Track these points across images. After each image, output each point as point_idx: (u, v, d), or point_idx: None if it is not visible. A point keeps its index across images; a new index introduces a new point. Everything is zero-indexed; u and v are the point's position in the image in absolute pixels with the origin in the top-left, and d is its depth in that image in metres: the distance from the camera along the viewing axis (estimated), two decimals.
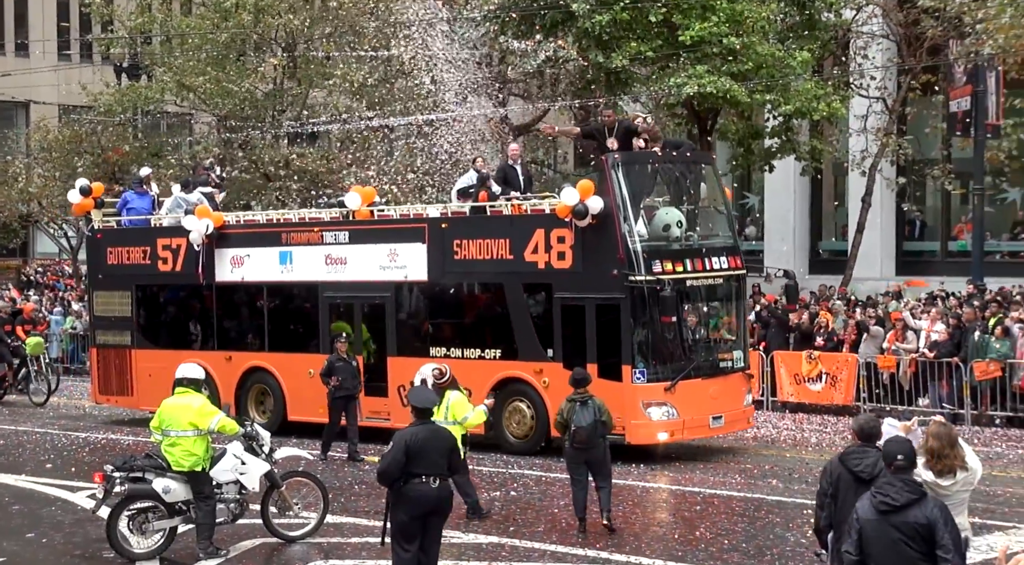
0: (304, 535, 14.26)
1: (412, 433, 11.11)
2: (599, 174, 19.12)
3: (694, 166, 20.60)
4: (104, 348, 24.29)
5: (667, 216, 19.17)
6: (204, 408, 13.56)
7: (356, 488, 17.43)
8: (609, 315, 18.59)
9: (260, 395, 22.44)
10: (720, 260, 19.50)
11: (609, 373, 18.44)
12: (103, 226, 24.25)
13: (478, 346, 19.95)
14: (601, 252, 18.61)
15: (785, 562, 13.16)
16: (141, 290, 23.76)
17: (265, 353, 22.30)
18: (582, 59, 28.17)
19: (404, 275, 20.62)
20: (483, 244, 19.79)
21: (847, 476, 9.55)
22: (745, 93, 26.27)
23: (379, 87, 33.44)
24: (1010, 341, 21.83)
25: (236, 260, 22.41)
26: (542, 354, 19.30)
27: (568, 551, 13.76)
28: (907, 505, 8.22)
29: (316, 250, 21.51)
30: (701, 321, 19.78)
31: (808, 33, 28.59)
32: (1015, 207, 33.63)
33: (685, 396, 18.70)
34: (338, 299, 21.45)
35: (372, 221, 21.28)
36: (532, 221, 19.48)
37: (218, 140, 36.17)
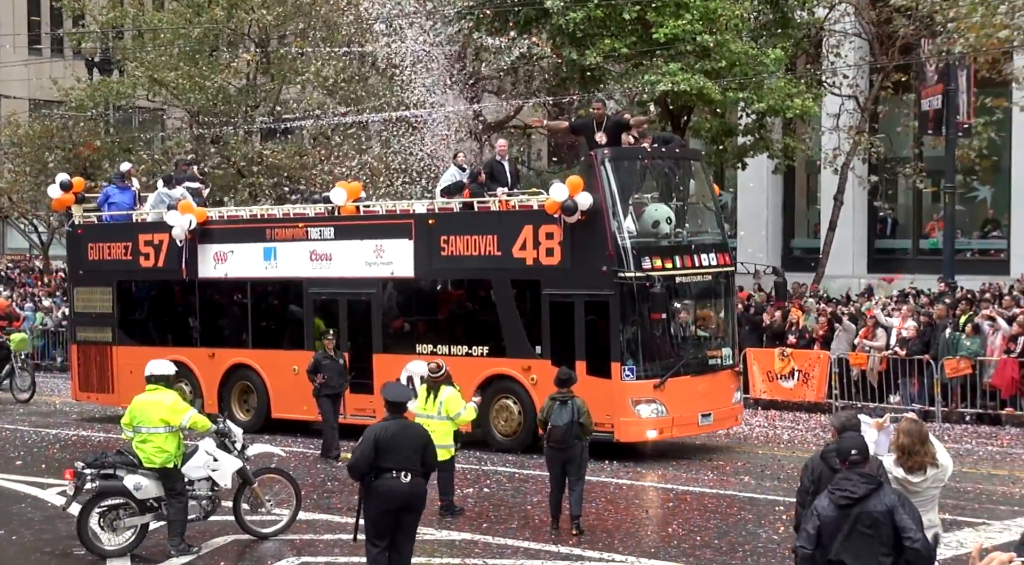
0: (276, 532, 14.22)
1: (382, 428, 11.11)
2: (588, 170, 18.91)
3: (683, 162, 20.50)
4: (85, 345, 24.05)
5: (656, 212, 19.06)
6: (176, 405, 13.50)
7: (329, 485, 17.39)
8: (598, 312, 18.51)
9: (243, 392, 22.26)
10: (709, 257, 19.41)
11: (598, 370, 18.37)
12: (84, 221, 24.02)
13: (465, 343, 19.81)
14: (590, 248, 18.51)
15: (757, 559, 13.19)
16: (122, 286, 23.54)
17: (249, 350, 22.13)
18: (556, 56, 28.18)
19: (390, 271, 20.46)
20: (470, 240, 19.66)
21: (828, 473, 9.57)
22: (718, 91, 26.34)
23: (352, 83, 33.37)
24: (980, 338, 21.95)
25: (219, 256, 22.22)
26: (530, 351, 19.17)
27: (541, 548, 13.76)
28: (866, 496, 8.31)
29: (301, 246, 21.32)
30: (690, 318, 19.67)
31: (781, 31, 28.69)
32: (985, 205, 33.83)
33: (674, 393, 18.61)
34: (323, 295, 21.26)
35: (358, 217, 21.15)
36: (520, 217, 19.34)
37: (190, 136, 36.04)
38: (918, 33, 28.47)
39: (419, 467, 11.04)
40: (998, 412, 21.76)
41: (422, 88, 29.51)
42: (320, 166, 32.46)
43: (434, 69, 29.72)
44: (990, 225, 33.43)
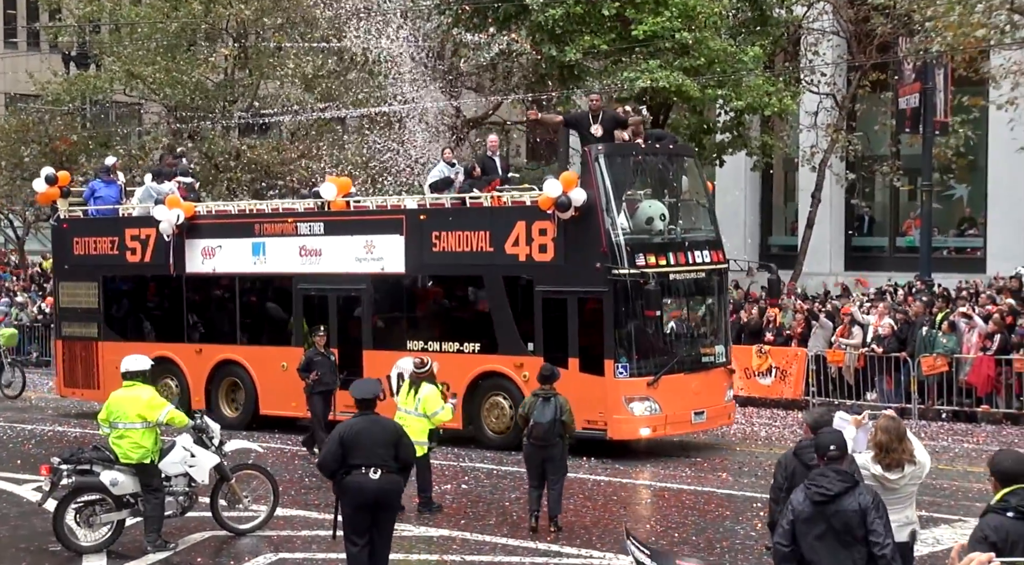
0: (254, 528, 14.19)
1: (348, 425, 11.10)
2: (582, 166, 18.86)
3: (676, 159, 20.41)
4: (70, 340, 23.81)
5: (650, 209, 18.92)
6: (153, 400, 13.45)
7: (307, 481, 17.35)
8: (591, 309, 18.40)
9: (231, 388, 22.08)
10: (703, 254, 19.32)
11: (591, 367, 18.29)
12: (69, 215, 23.76)
13: (457, 340, 19.69)
14: (584, 245, 18.37)
15: (735, 555, 13.23)
16: (108, 281, 23.33)
17: (237, 346, 21.94)
18: (535, 52, 28.17)
19: (381, 267, 20.31)
20: (462, 236, 19.53)
21: (801, 470, 9.60)
22: (697, 88, 26.38)
23: (331, 79, 33.29)
24: (956, 336, 22.05)
25: (207, 251, 22.03)
26: (522, 348, 19.01)
27: (519, 544, 13.76)
28: (841, 494, 8.30)
29: (290, 241, 21.16)
30: (684, 315, 19.60)
31: (760, 29, 28.75)
32: (962, 204, 33.97)
33: (668, 391, 18.52)
34: (312, 291, 21.09)
35: (348, 212, 21.01)
36: (513, 213, 19.23)
37: (168, 130, 35.87)
38: (896, 31, 28.55)
39: (391, 463, 10.96)
40: (974, 409, 21.87)
41: (401, 84, 29.44)
42: (298, 162, 32.35)
43: (413, 65, 29.67)
44: (966, 223, 33.57)
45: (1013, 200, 30.94)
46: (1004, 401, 21.57)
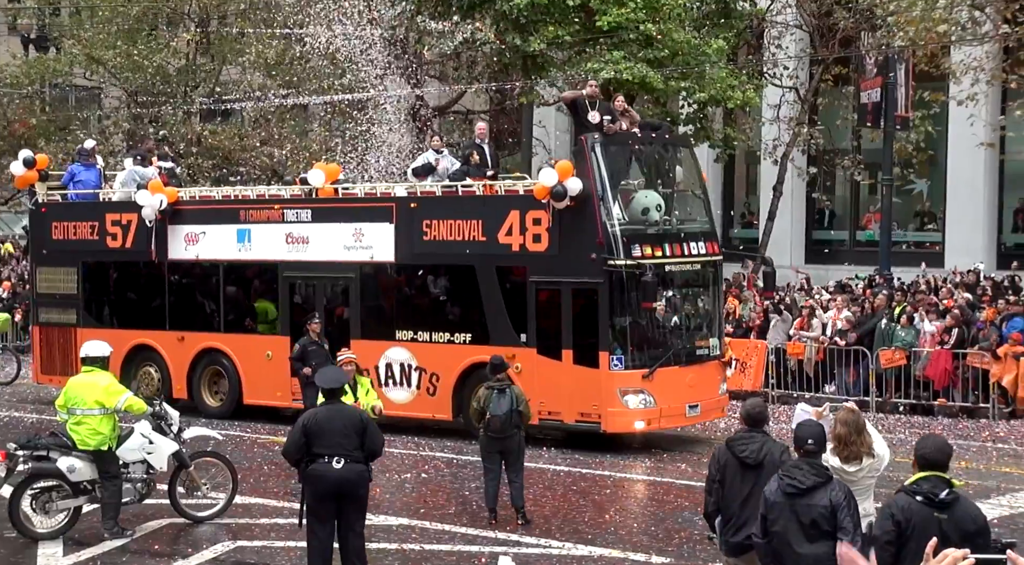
0: (212, 516, 14.13)
1: (312, 413, 11.13)
2: (577, 155, 18.56)
3: (672, 148, 20.19)
4: (47, 326, 23.28)
5: (646, 199, 18.65)
6: (111, 386, 13.37)
7: (266, 469, 17.29)
8: (586, 300, 18.16)
9: (214, 377, 21.76)
10: (698, 245, 19.11)
11: (585, 359, 18.08)
12: (48, 200, 23.25)
13: (447, 330, 19.42)
14: (579, 235, 18.12)
15: (693, 546, 13.28)
16: (88, 267, 22.87)
17: (220, 334, 21.59)
18: (499, 42, 28.12)
19: (370, 255, 19.98)
20: (454, 225, 19.21)
21: (733, 461, 9.65)
22: (660, 80, 26.40)
23: (293, 65, 33.14)
24: (914, 330, 22.21)
25: (191, 237, 21.64)
26: (515, 339, 18.73)
27: (479, 533, 13.77)
28: (813, 488, 8.33)
29: (276, 228, 20.76)
30: (679, 307, 19.33)
31: (723, 21, 28.81)
32: (921, 198, 34.22)
33: (662, 384, 18.28)
34: (299, 279, 20.81)
35: (337, 199, 20.64)
36: (506, 202, 18.96)
37: (128, 115, 35.62)
38: (858, 26, 28.71)
39: (355, 452, 10.92)
40: (931, 403, 22.04)
41: (363, 71, 29.34)
42: (260, 148, 32.20)
43: (376, 53, 29.56)
44: (926, 218, 33.82)
45: (972, 195, 31.20)
46: (960, 395, 21.75)
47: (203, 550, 13.05)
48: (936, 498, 7.57)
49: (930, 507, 7.55)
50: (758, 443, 9.64)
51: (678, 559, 12.80)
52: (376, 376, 19.28)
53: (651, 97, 28.40)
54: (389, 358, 19.57)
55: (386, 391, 19.36)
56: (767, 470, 9.37)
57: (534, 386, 17.96)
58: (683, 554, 12.98)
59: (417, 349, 19.57)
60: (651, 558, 12.82)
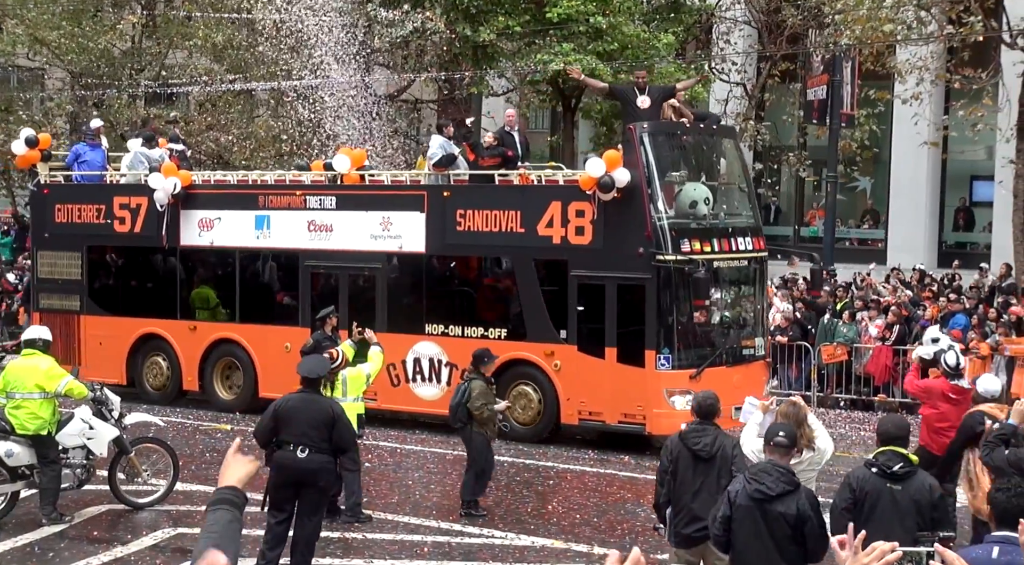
0: (153, 502, 14.03)
1: (285, 399, 11.26)
2: (625, 145, 17.75)
3: (719, 140, 19.48)
4: (48, 313, 22.01)
5: (695, 192, 17.91)
6: (51, 370, 13.23)
7: (207, 456, 17.18)
8: (632, 296, 17.46)
9: (227, 369, 20.86)
10: (745, 240, 18.45)
11: (630, 358, 17.40)
12: (50, 181, 22.32)
13: (481, 325, 18.68)
14: (625, 228, 17.38)
15: (635, 537, 13.33)
16: (93, 251, 21.92)
17: (235, 324, 20.63)
18: (449, 32, 28.08)
19: (398, 246, 19.15)
20: (490, 215, 18.38)
21: (686, 454, 9.70)
22: (610, 73, 26.47)
23: (241, 50, 32.90)
24: (856, 326, 22.42)
25: (205, 223, 20.68)
26: (554, 335, 18.05)
27: (421, 523, 13.76)
28: (781, 495, 8.23)
29: (298, 215, 19.87)
30: (726, 305, 18.69)
31: (673, 16, 28.95)
32: (865, 196, 34.54)
33: (709, 385, 16.70)
34: (321, 269, 19.88)
35: (364, 186, 19.83)
36: (547, 193, 18.19)
37: (72, 97, 35.20)
38: (806, 23, 28.94)
39: (320, 443, 10.95)
40: (871, 398, 22.27)
41: (312, 59, 29.18)
42: (206, 133, 31.93)
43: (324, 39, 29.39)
44: (868, 215, 34.15)
45: (915, 193, 31.53)
46: (900, 391, 21.96)
47: (143, 537, 12.96)
48: (889, 470, 8.04)
49: (884, 478, 8.05)
50: (711, 436, 9.70)
51: (621, 550, 12.80)
52: (403, 371, 18.93)
53: None
54: (417, 353, 18.95)
55: (413, 387, 18.98)
56: (719, 463, 9.44)
57: (574, 385, 17.65)
58: (625, 545, 13.02)
59: (448, 344, 18.81)
60: (593, 549, 12.86)
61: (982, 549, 6.31)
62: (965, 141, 30.36)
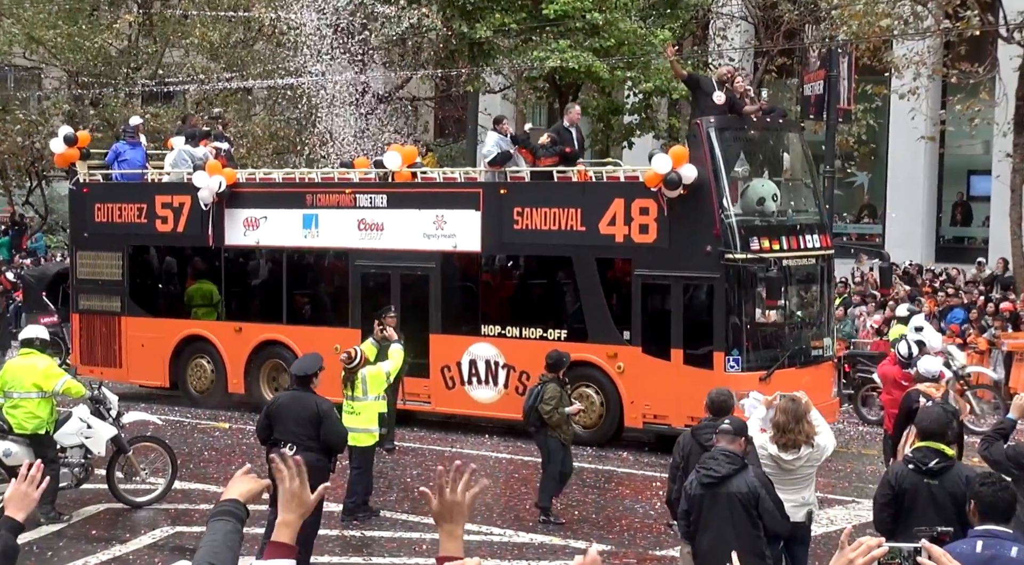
0: (151, 501, 14.02)
1: (276, 398, 11.41)
2: (691, 140, 17.34)
3: (784, 134, 19.03)
4: (88, 314, 21.68)
5: (763, 188, 17.42)
6: (49, 370, 13.22)
7: (206, 454, 17.17)
8: (700, 296, 17.08)
9: (273, 371, 20.23)
10: (812, 238, 17.90)
11: (698, 360, 16.89)
12: (89, 179, 21.76)
13: (539, 325, 18.14)
14: (693, 226, 16.87)
15: (634, 533, 13.34)
16: (135, 251, 21.39)
17: (283, 325, 20.06)
18: (446, 28, 28.07)
19: (453, 245, 18.61)
20: (549, 213, 17.88)
21: (697, 449, 9.73)
22: (606, 69, 26.48)
23: (238, 49, 32.91)
24: (852, 322, 22.42)
25: (250, 222, 20.19)
26: (616, 336, 17.52)
27: (419, 520, 13.75)
28: (729, 476, 8.43)
29: (347, 214, 19.36)
30: (796, 305, 18.12)
31: (670, 12, 28.94)
32: (862, 191, 34.55)
33: (779, 387, 16.21)
34: (372, 269, 19.31)
35: (417, 184, 19.33)
36: (609, 189, 17.70)
37: (68, 97, 35.22)
38: (802, 19, 28.95)
39: (308, 441, 10.97)
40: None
41: (310, 57, 29.17)
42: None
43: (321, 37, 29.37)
44: (866, 211, 34.16)
45: (912, 188, 31.55)
46: None
47: (141, 535, 12.95)
48: (925, 466, 8.15)
49: (920, 474, 8.15)
50: None
51: (619, 546, 12.85)
52: (458, 373, 18.58)
53: (596, 87, 28.50)
54: (473, 354, 18.52)
55: (469, 389, 18.59)
56: None
57: (638, 387, 17.34)
58: (624, 541, 13.04)
59: (505, 345, 18.34)
60: (592, 545, 12.81)
61: (966, 544, 6.32)
62: (962, 136, 30.39)
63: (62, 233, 41.59)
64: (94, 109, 33.75)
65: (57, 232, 41.43)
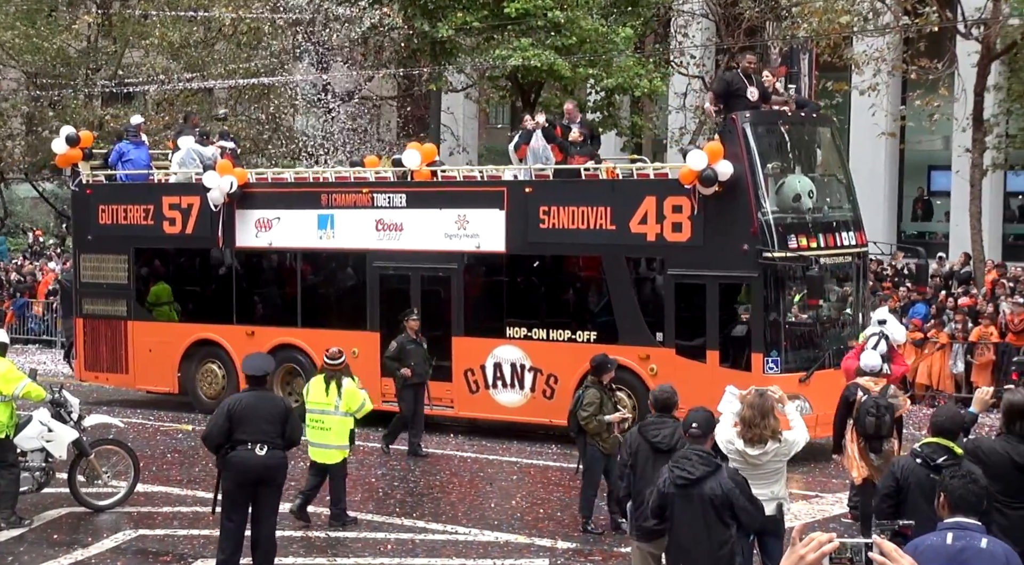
0: (113, 504, 13.92)
1: (237, 399, 11.11)
2: (726, 135, 16.67)
3: (818, 129, 18.50)
4: (92, 318, 21.21)
5: (798, 185, 16.94)
6: (9, 373, 13.10)
7: (168, 457, 17.08)
8: (737, 296, 16.65)
9: (288, 376, 19.75)
10: (848, 235, 17.47)
11: (734, 361, 16.47)
12: (92, 180, 21.26)
13: (567, 327, 17.70)
14: (729, 224, 16.41)
15: (600, 531, 13.33)
16: (141, 254, 20.89)
17: (297, 329, 19.58)
18: (407, 27, 28.03)
19: (476, 245, 18.16)
20: (577, 212, 17.42)
21: (645, 446, 9.72)
22: (568, 67, 26.52)
23: (198, 49, 32.74)
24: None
25: (262, 223, 19.70)
26: (649, 338, 17.04)
27: (385, 520, 13.73)
28: (703, 478, 8.42)
29: (364, 214, 18.89)
30: (834, 304, 17.74)
31: (631, 9, 29.02)
32: None
33: (819, 388, 16.22)
34: (391, 270, 18.85)
35: (437, 183, 18.82)
36: (640, 187, 17.26)
37: (27, 98, 34.93)
38: (763, 16, 29.05)
39: (277, 439, 10.90)
40: None
41: (271, 57, 29.08)
42: (163, 133, 31.74)
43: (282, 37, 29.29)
44: None
45: (873, 184, 31.67)
46: None
47: (104, 539, 12.86)
48: (933, 462, 8.24)
49: (927, 470, 8.23)
50: (670, 428, 9.73)
51: (584, 544, 12.86)
52: (482, 376, 18.19)
53: (559, 84, 28.52)
54: (498, 357, 18.09)
55: (494, 393, 18.21)
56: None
57: None
58: (589, 539, 13.04)
59: (531, 348, 17.93)
60: (557, 543, 12.86)
61: (936, 536, 6.35)
62: (922, 131, 30.57)
63: (21, 235, 41.32)
64: (53, 110, 33.49)
65: (17, 235, 41.12)
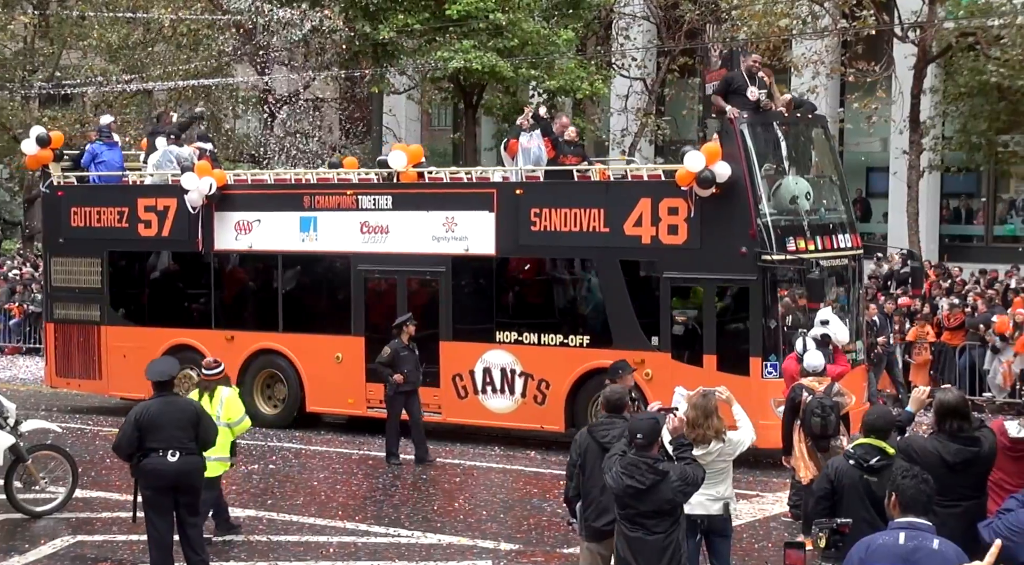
0: (51, 510, 13.77)
1: (144, 407, 10.98)
2: (724, 136, 16.45)
3: (812, 129, 18.25)
4: (64, 323, 20.71)
5: (796, 186, 16.76)
6: None
7: (108, 462, 16.87)
8: (734, 299, 16.44)
9: (268, 381, 19.49)
10: (844, 238, 17.34)
11: (732, 366, 16.10)
12: (64, 182, 20.71)
13: (559, 331, 17.40)
14: (726, 226, 16.18)
15: (541, 532, 13.37)
16: (115, 257, 20.33)
17: (278, 334, 19.21)
18: (348, 29, 27.94)
19: (464, 247, 17.85)
20: (569, 214, 17.14)
21: (594, 447, 9.73)
22: (510, 69, 26.54)
23: (137, 50, 32.48)
24: None
25: (242, 226, 19.33)
26: (644, 342, 16.75)
27: (327, 524, 13.68)
28: (652, 486, 8.45)
29: (349, 216, 18.54)
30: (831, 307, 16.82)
31: (572, 12, 29.06)
32: None
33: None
34: (376, 273, 18.55)
35: (425, 185, 18.51)
36: (635, 189, 17.04)
37: None
38: (704, 19, 29.24)
39: (189, 444, 10.80)
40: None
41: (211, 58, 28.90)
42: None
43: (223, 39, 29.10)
44: None
45: None
46: None
47: (41, 545, 12.71)
48: (866, 463, 8.37)
49: (860, 470, 8.36)
50: (619, 429, 9.71)
51: (527, 545, 12.87)
52: (471, 382, 17.92)
53: (501, 86, 28.55)
54: (488, 362, 17.81)
55: (483, 399, 17.90)
56: None
57: (665, 396, 16.34)
58: (532, 541, 13.06)
59: (522, 352, 17.63)
60: (500, 545, 12.87)
61: (888, 535, 6.38)
62: (860, 133, 30.90)
63: None
64: None
65: None
